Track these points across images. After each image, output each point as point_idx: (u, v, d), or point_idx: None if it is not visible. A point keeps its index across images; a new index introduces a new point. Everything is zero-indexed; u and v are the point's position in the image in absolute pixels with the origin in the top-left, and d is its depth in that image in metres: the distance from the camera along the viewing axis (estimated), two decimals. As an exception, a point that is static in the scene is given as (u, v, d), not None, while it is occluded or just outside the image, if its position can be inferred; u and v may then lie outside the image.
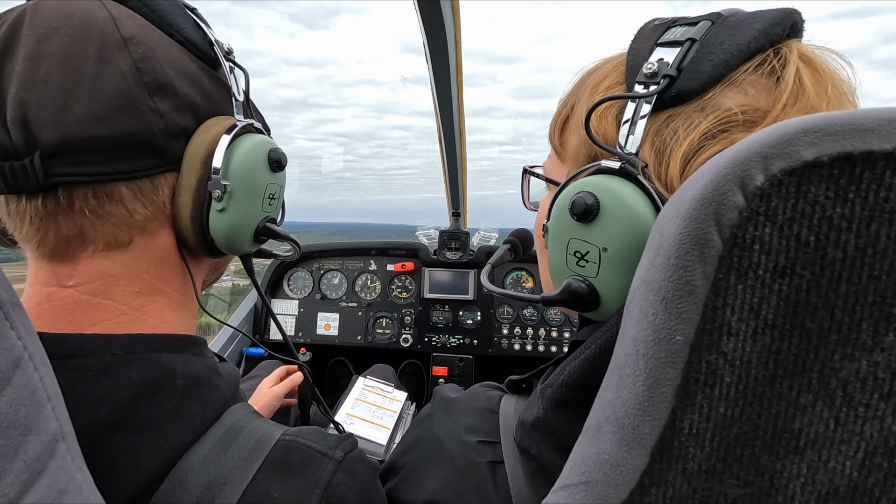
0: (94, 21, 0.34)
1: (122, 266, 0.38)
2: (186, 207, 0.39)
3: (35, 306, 0.36)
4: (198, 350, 0.41)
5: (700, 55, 0.32)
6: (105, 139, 0.34)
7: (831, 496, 0.21)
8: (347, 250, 1.82)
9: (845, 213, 0.19)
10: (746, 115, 0.31)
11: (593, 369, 0.34)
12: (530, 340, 1.70)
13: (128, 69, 0.34)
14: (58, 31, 0.33)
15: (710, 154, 0.31)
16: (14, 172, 0.33)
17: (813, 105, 0.31)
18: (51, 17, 0.33)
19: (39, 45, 0.33)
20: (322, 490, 0.36)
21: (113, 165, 0.35)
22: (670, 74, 0.32)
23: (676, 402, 0.22)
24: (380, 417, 1.17)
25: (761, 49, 0.32)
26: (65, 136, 0.33)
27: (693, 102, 0.32)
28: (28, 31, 0.33)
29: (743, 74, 0.32)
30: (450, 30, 0.84)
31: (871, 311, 0.19)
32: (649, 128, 0.33)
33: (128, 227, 0.37)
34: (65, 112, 0.33)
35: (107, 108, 0.34)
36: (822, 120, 0.20)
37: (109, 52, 0.34)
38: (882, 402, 0.20)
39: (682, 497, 0.22)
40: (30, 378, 0.24)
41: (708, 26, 0.33)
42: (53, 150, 0.33)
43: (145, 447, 0.34)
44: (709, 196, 0.21)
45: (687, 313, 0.21)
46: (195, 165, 0.38)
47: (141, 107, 0.35)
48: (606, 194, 0.32)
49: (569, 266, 0.36)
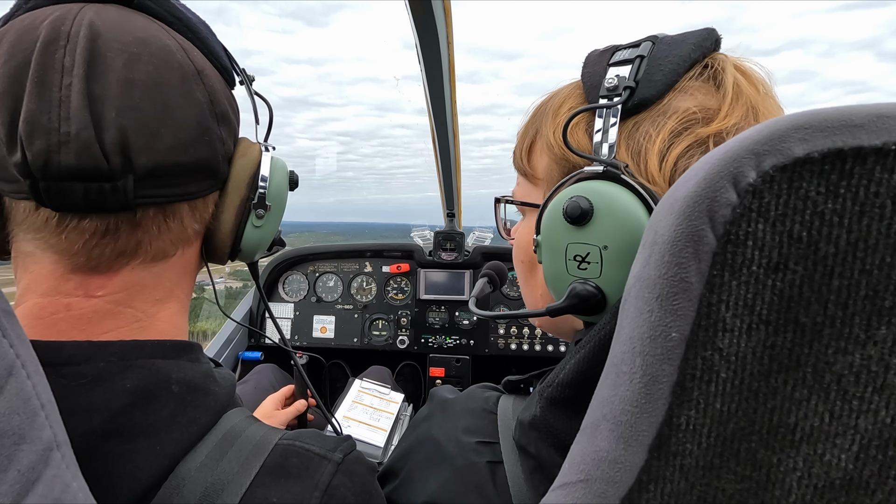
0: (168, 50, 0.36)
1: (153, 276, 0.39)
2: (228, 223, 0.43)
3: (48, 316, 0.35)
4: (193, 356, 0.41)
5: (651, 68, 0.37)
6: (185, 165, 0.37)
7: (827, 489, 0.21)
8: (342, 252, 1.81)
9: (836, 209, 0.19)
10: (702, 114, 0.36)
11: (589, 367, 0.34)
12: (526, 340, 1.70)
13: (204, 101, 0.38)
14: (140, 58, 0.34)
15: (682, 148, 0.35)
16: (103, 193, 0.33)
17: (752, 100, 0.36)
18: (127, 41, 0.34)
19: (128, 70, 0.33)
20: (321, 493, 0.36)
21: (183, 188, 0.38)
22: (630, 86, 0.36)
23: (673, 398, 0.22)
24: (377, 419, 1.16)
25: (698, 60, 0.37)
26: (156, 162, 0.35)
27: (654, 108, 0.37)
28: (112, 53, 0.33)
29: (688, 82, 0.37)
30: (441, 32, 0.84)
31: (864, 304, 0.20)
32: (621, 134, 0.37)
33: (179, 241, 0.40)
34: (156, 140, 0.34)
35: (189, 137, 0.36)
36: (813, 117, 0.20)
37: (188, 83, 0.36)
38: (876, 394, 0.20)
39: (680, 493, 0.23)
40: (23, 386, 0.24)
41: (651, 46, 0.38)
42: (146, 175, 0.35)
43: (141, 454, 0.33)
44: (702, 193, 0.21)
45: (682, 310, 0.21)
46: (240, 186, 0.42)
47: (212, 136, 0.38)
48: (597, 195, 0.35)
49: (570, 272, 0.37)
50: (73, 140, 0.31)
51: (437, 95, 1.06)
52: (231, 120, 0.41)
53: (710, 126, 0.35)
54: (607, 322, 0.33)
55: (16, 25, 0.33)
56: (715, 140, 0.35)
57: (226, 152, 0.41)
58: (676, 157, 0.35)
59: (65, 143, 0.31)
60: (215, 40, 0.42)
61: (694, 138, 0.35)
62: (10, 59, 0.32)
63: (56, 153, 0.31)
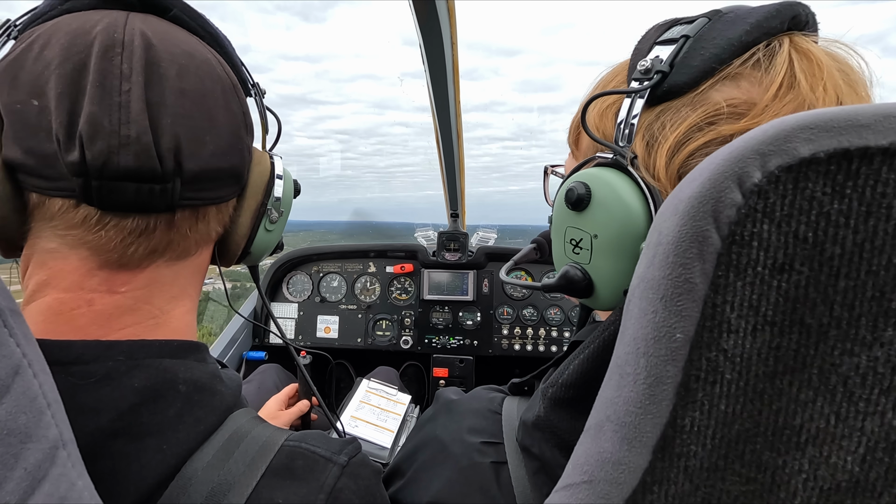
0: (210, 63, 0.39)
1: (173, 273, 0.40)
2: (244, 227, 0.45)
3: (68, 311, 0.36)
4: (200, 356, 0.41)
5: (692, 51, 0.33)
6: (223, 171, 0.39)
7: (833, 492, 0.21)
8: (346, 253, 1.82)
9: (843, 209, 0.19)
10: (735, 108, 0.31)
11: (593, 368, 0.34)
12: (530, 340, 1.70)
13: (239, 113, 0.41)
14: (189, 69, 0.36)
15: (696, 145, 0.32)
16: (153, 194, 0.35)
17: (805, 97, 0.30)
18: (175, 52, 0.36)
19: (180, 80, 0.36)
20: (326, 495, 0.36)
21: (217, 192, 0.40)
22: (662, 70, 0.33)
23: (677, 399, 0.22)
24: (384, 420, 1.17)
25: (755, 42, 0.32)
26: (202, 167, 0.37)
27: (685, 97, 0.33)
28: (165, 63, 0.35)
29: (738, 68, 0.32)
30: (445, 33, 0.84)
31: (870, 306, 0.19)
32: (643, 122, 0.35)
33: (202, 241, 0.42)
34: (202, 147, 0.37)
35: (227, 145, 0.39)
36: (819, 116, 0.20)
37: (228, 95, 0.39)
38: (882, 396, 0.20)
39: (684, 495, 0.22)
40: (29, 385, 0.24)
41: (704, 23, 0.34)
42: (192, 179, 0.37)
43: (148, 454, 0.33)
44: (707, 194, 0.21)
45: (686, 311, 0.21)
46: (257, 192, 0.45)
47: (243, 145, 0.42)
48: (598, 183, 0.34)
49: (566, 254, 0.38)
50: (132, 143, 0.33)
51: (440, 97, 1.06)
52: (252, 130, 0.44)
53: (738, 123, 0.31)
54: (611, 322, 0.33)
55: (63, 28, 0.34)
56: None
57: (250, 161, 0.44)
58: (689, 154, 0.32)
59: (125, 145, 0.33)
60: (236, 55, 0.45)
61: (715, 135, 0.31)
62: (65, 61, 0.33)
63: (115, 154, 0.33)
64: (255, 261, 0.52)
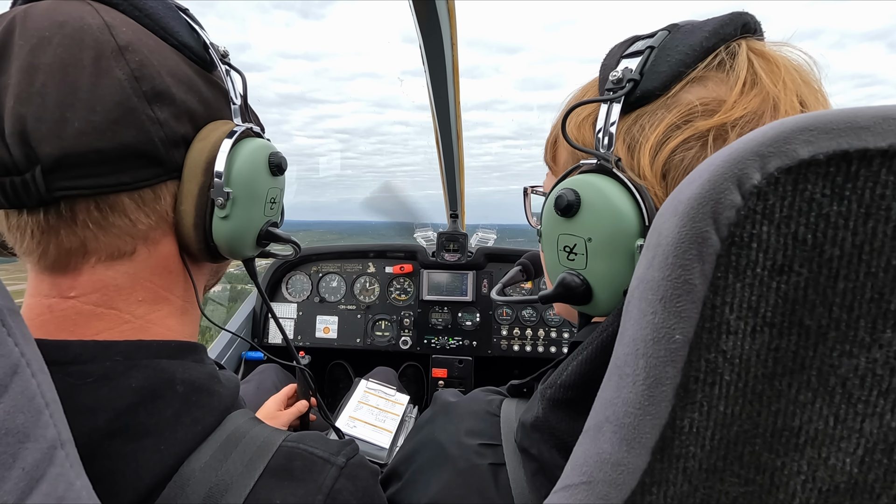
0: (87, 29, 0.33)
1: (125, 276, 0.38)
2: (189, 216, 0.39)
3: (36, 317, 0.36)
4: (197, 356, 0.41)
5: (658, 59, 0.36)
6: (105, 151, 0.33)
7: (832, 493, 0.21)
8: (346, 253, 1.81)
9: (842, 211, 0.19)
10: (707, 106, 0.34)
11: (591, 369, 0.34)
12: (529, 341, 1.70)
13: (125, 78, 0.34)
14: (51, 41, 0.32)
15: (677, 142, 0.34)
16: (15, 188, 0.32)
17: (769, 91, 0.33)
18: (42, 26, 0.33)
19: (33, 56, 0.32)
20: (324, 496, 0.36)
21: (115, 177, 0.34)
22: (634, 78, 0.36)
23: (676, 400, 0.22)
24: (382, 420, 1.16)
25: (714, 48, 0.35)
26: (64, 149, 0.32)
27: (658, 101, 0.36)
28: (20, 41, 0.32)
29: (701, 71, 0.35)
30: (446, 33, 0.84)
31: (869, 307, 0.19)
32: (621, 128, 0.37)
33: (131, 237, 0.37)
34: (63, 125, 0.32)
35: (106, 120, 0.33)
36: (818, 118, 0.20)
37: (105, 60, 0.33)
38: (881, 398, 0.20)
39: (683, 496, 0.22)
40: (27, 385, 0.24)
41: (665, 35, 0.37)
42: (54, 165, 0.32)
43: (145, 454, 0.33)
44: (706, 195, 0.21)
45: (686, 312, 0.21)
46: (196, 173, 0.38)
47: (140, 117, 0.34)
48: (586, 188, 0.35)
49: (561, 262, 0.38)
50: None
51: (440, 99, 1.06)
52: (176, 99, 0.37)
53: (712, 119, 0.33)
54: (609, 324, 0.33)
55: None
56: (715, 133, 0.33)
57: (169, 136, 0.36)
58: (671, 150, 0.34)
59: None
60: (174, 17, 0.39)
61: (693, 131, 0.34)
62: None
63: None
64: (233, 254, 0.45)
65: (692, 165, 0.34)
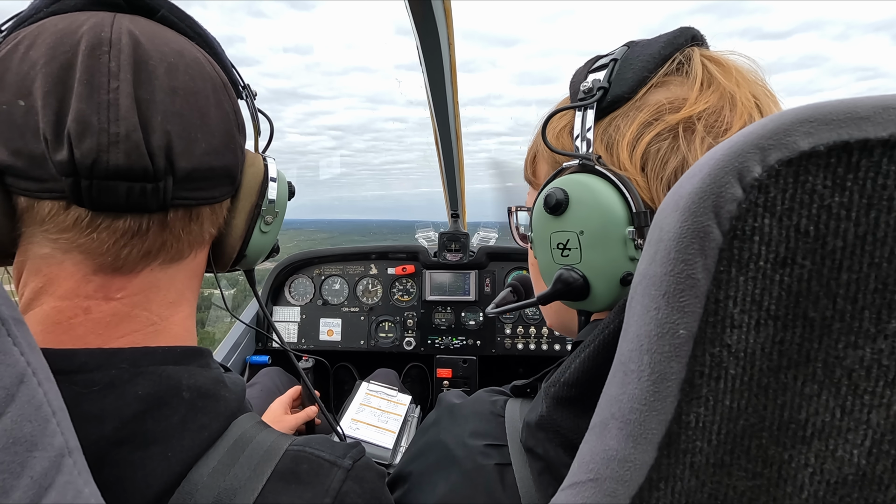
0: (200, 62, 0.38)
1: (168, 277, 0.40)
2: (239, 229, 0.45)
3: (66, 321, 0.35)
4: (203, 361, 0.41)
5: (623, 68, 0.40)
6: (215, 170, 0.39)
7: (840, 485, 0.21)
8: (348, 255, 1.82)
9: (844, 202, 0.19)
10: (672, 104, 0.38)
11: (594, 366, 0.34)
12: (533, 339, 1.69)
13: (231, 111, 0.40)
14: (178, 67, 0.36)
15: (651, 137, 0.37)
16: (145, 193, 0.35)
17: (725, 87, 0.38)
18: (164, 51, 0.36)
19: (170, 78, 0.35)
20: (332, 499, 0.36)
21: (210, 192, 0.40)
22: (603, 86, 0.40)
23: (682, 395, 0.22)
24: (385, 421, 1.17)
25: (671, 55, 0.40)
26: (193, 165, 0.37)
27: (628, 104, 0.39)
28: (153, 62, 0.35)
29: (662, 77, 0.39)
30: (443, 32, 0.84)
31: (873, 298, 0.19)
32: (598, 131, 0.40)
33: (197, 243, 0.41)
34: (194, 144, 0.36)
35: (220, 144, 0.39)
36: (818, 109, 0.20)
37: (219, 94, 0.39)
38: (888, 389, 0.20)
39: (690, 491, 0.22)
40: (34, 394, 0.24)
41: (625, 49, 0.42)
42: (184, 177, 0.36)
43: (153, 461, 0.34)
44: (707, 189, 0.21)
45: (689, 307, 0.21)
46: (251, 193, 0.45)
47: (236, 144, 0.41)
48: (572, 185, 0.38)
49: (555, 260, 0.40)
50: (122, 140, 0.33)
51: (439, 99, 1.06)
52: (245, 131, 0.44)
53: (679, 113, 0.37)
54: (612, 320, 0.33)
55: (49, 29, 0.34)
56: (684, 126, 0.37)
57: (241, 161, 0.43)
58: (647, 143, 0.37)
59: (114, 143, 0.32)
60: (226, 56, 0.44)
61: (664, 125, 0.37)
62: (51, 60, 0.33)
63: (105, 152, 0.32)
64: (250, 265, 0.51)
65: (668, 155, 0.37)
